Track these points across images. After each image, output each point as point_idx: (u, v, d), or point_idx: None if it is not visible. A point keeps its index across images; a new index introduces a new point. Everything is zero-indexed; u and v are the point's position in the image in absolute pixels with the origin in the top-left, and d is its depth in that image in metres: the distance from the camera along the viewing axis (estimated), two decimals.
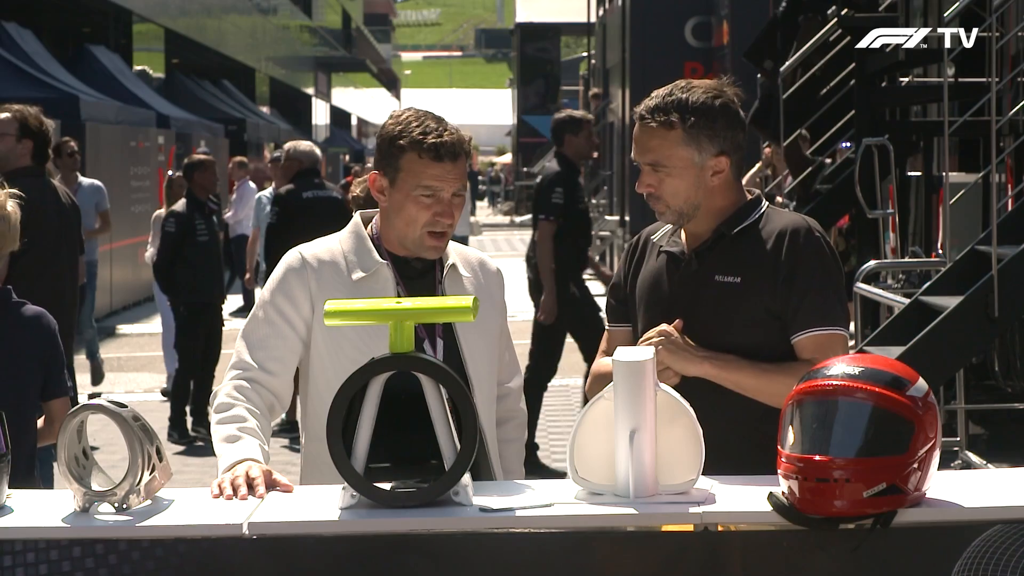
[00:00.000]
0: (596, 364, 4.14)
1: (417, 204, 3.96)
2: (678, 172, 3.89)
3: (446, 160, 3.94)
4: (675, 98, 3.90)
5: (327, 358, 4.00)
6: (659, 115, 3.88)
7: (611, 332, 4.14)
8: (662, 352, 3.79)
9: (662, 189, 3.91)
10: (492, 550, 3.34)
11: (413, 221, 3.98)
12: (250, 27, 42.81)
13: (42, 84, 20.39)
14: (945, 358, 8.82)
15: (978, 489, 3.55)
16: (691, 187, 3.91)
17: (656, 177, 3.91)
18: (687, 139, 3.88)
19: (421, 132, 3.93)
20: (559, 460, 10.50)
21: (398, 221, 4.01)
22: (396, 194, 3.99)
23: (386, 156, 3.99)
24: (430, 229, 3.97)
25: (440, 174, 3.94)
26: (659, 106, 3.89)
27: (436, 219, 3.96)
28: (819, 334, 3.86)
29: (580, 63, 48.56)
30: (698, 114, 3.88)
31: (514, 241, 37.65)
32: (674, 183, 3.90)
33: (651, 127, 3.89)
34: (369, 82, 79.35)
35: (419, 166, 3.94)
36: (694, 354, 3.84)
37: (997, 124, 9.21)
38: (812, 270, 3.89)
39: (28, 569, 3.32)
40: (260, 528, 3.35)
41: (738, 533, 3.36)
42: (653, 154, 3.90)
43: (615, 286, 4.14)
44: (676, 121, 3.87)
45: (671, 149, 3.89)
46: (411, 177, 3.95)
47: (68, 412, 3.46)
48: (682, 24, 24.50)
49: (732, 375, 3.84)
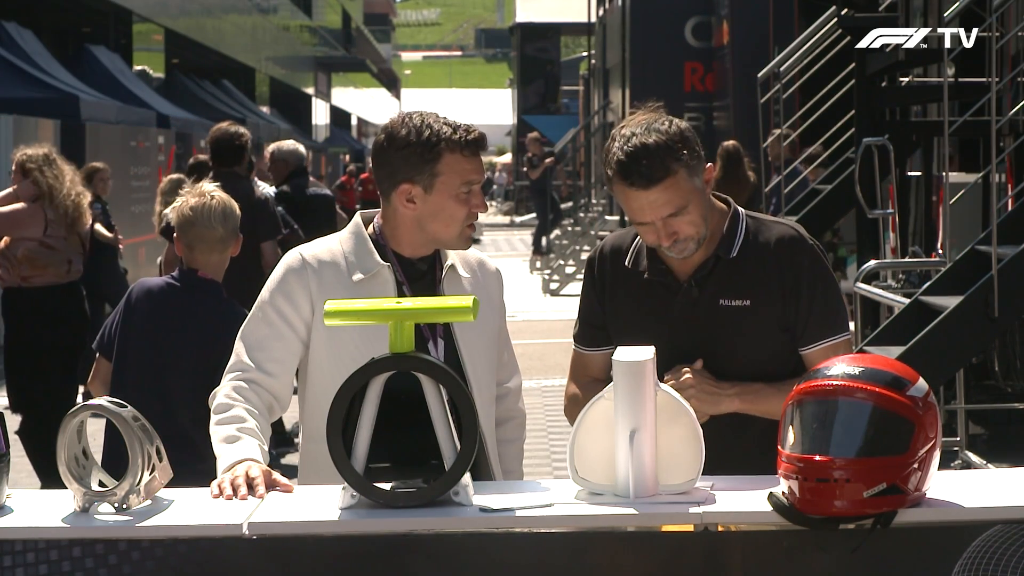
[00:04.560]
0: (574, 388, 4.08)
1: (458, 201, 3.96)
2: (694, 205, 3.84)
3: (480, 153, 3.98)
4: (655, 142, 3.79)
5: (327, 358, 4.00)
6: (658, 171, 3.79)
7: (588, 356, 4.08)
8: (694, 402, 3.72)
9: (686, 230, 3.84)
10: (492, 550, 3.34)
11: (454, 220, 3.97)
12: (250, 27, 42.81)
13: (42, 84, 20.39)
14: (945, 358, 8.82)
15: (978, 489, 3.55)
16: (703, 211, 3.87)
17: (676, 223, 3.83)
18: (689, 172, 3.83)
19: (451, 131, 3.94)
20: (559, 460, 10.51)
21: (435, 224, 3.98)
22: (434, 198, 3.96)
23: (418, 164, 3.94)
24: (469, 223, 3.99)
25: (477, 167, 3.98)
26: (653, 162, 3.78)
27: (474, 211, 3.99)
28: (829, 344, 3.89)
29: (580, 63, 48.53)
30: (679, 142, 3.81)
31: (514, 241, 37.65)
32: (693, 218, 3.84)
33: (657, 184, 3.79)
34: (369, 82, 79.34)
35: (461, 163, 3.94)
36: (722, 394, 3.84)
37: (997, 124, 9.20)
38: (815, 281, 3.90)
39: (28, 569, 3.32)
40: (260, 528, 3.35)
41: (738, 533, 3.36)
42: (671, 204, 3.81)
43: (588, 310, 4.07)
44: (672, 163, 3.80)
45: (683, 189, 3.81)
46: (455, 177, 3.94)
47: (68, 412, 3.46)
48: (682, 24, 24.47)
49: (763, 405, 3.86)
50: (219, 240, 5.67)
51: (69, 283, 9.24)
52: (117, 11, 28.37)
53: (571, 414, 4.04)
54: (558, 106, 52.46)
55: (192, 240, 5.68)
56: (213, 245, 5.67)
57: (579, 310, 4.13)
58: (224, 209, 5.69)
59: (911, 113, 13.08)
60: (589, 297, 4.07)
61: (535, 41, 52.87)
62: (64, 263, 9.19)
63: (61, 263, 9.18)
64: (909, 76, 12.40)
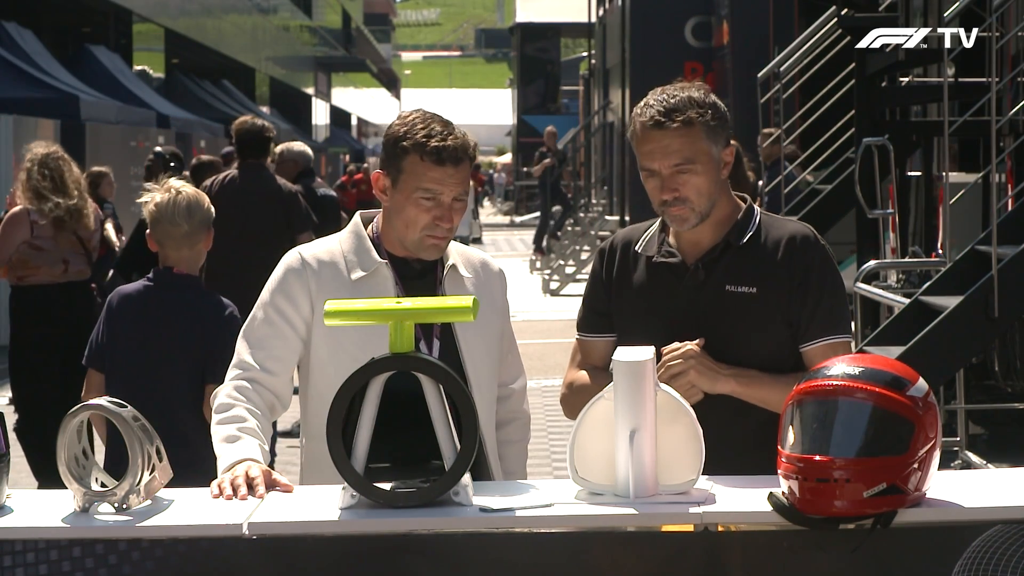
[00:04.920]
0: (573, 375, 4.08)
1: (417, 207, 3.96)
2: (703, 168, 3.85)
3: (447, 164, 3.93)
4: (684, 97, 3.87)
5: (327, 358, 4.00)
6: (678, 115, 3.83)
7: (590, 343, 4.07)
8: (691, 373, 3.77)
9: (687, 190, 3.85)
10: (492, 550, 3.34)
11: (412, 223, 3.98)
12: (250, 27, 42.82)
13: (42, 84, 20.41)
14: (945, 358, 8.82)
15: (978, 489, 3.55)
16: (712, 183, 3.87)
17: (681, 179, 3.84)
18: (708, 133, 3.85)
19: (425, 135, 3.93)
20: (559, 460, 10.51)
21: (398, 222, 4.01)
22: (397, 195, 3.98)
23: (390, 156, 3.99)
24: (429, 233, 3.97)
25: (440, 178, 3.93)
26: (673, 107, 3.84)
27: (435, 223, 3.96)
28: (831, 343, 3.88)
29: (580, 63, 48.53)
30: (709, 108, 3.86)
31: (514, 241, 37.65)
32: (699, 181, 3.85)
33: (672, 128, 3.83)
34: (369, 82, 79.37)
35: (420, 168, 3.93)
36: (720, 373, 3.82)
37: (997, 124, 9.21)
38: (822, 279, 3.90)
39: (28, 569, 3.32)
40: (260, 528, 3.35)
41: (738, 533, 3.36)
42: (680, 154, 3.83)
43: (593, 296, 4.07)
44: (695, 117, 3.83)
45: (696, 145, 3.84)
46: (412, 179, 3.95)
47: (68, 412, 3.46)
48: (682, 24, 24.48)
49: (757, 391, 3.84)
50: (185, 236, 5.67)
51: (68, 283, 9.22)
52: (117, 11, 28.39)
53: (567, 402, 4.05)
54: (558, 106, 52.50)
55: (160, 237, 5.70)
56: (180, 241, 5.67)
57: (584, 296, 4.13)
58: (189, 205, 5.68)
59: (911, 113, 13.08)
60: (596, 282, 4.07)
61: (535, 41, 52.90)
62: (58, 263, 9.18)
63: (55, 263, 9.17)
64: (909, 76, 12.41)
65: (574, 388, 4.03)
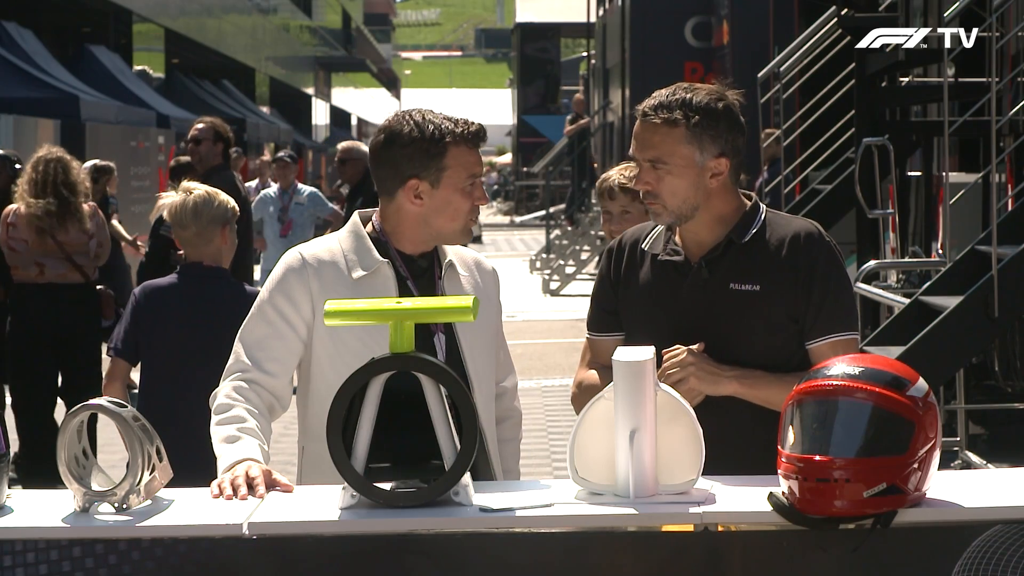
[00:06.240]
0: (583, 374, 4.09)
1: (463, 194, 3.98)
2: (678, 170, 3.86)
3: (480, 145, 4.02)
4: (679, 97, 3.88)
5: (327, 358, 4.00)
6: (663, 112, 3.86)
7: (600, 341, 4.07)
8: (692, 380, 3.78)
9: (660, 187, 3.88)
10: (492, 550, 3.34)
11: (460, 213, 4.00)
12: (250, 27, 42.82)
13: (42, 84, 20.40)
14: (945, 358, 8.83)
15: (978, 489, 3.55)
16: (690, 187, 3.88)
17: (655, 175, 3.88)
18: (690, 137, 3.86)
19: (454, 125, 3.97)
20: (559, 460, 10.51)
21: (441, 219, 4.00)
22: (441, 192, 3.98)
23: (424, 160, 3.96)
24: (471, 216, 4.03)
25: (479, 159, 4.03)
26: (663, 104, 3.87)
27: (476, 203, 4.02)
28: (837, 340, 3.87)
29: (580, 63, 48.55)
30: (702, 113, 3.86)
31: (514, 241, 37.64)
32: (673, 181, 3.87)
33: (654, 123, 3.86)
34: (369, 82, 79.38)
35: (466, 156, 3.97)
36: (722, 375, 3.82)
37: (997, 124, 9.21)
38: (829, 275, 3.89)
39: (28, 569, 3.32)
40: (260, 528, 3.35)
41: (738, 533, 3.36)
42: (655, 150, 3.87)
43: (602, 294, 4.08)
44: (680, 119, 3.85)
45: (673, 146, 3.86)
46: (461, 169, 3.97)
47: (68, 412, 3.47)
48: (682, 24, 24.51)
49: (760, 392, 3.84)
50: (195, 236, 5.91)
51: (48, 284, 9.20)
52: (117, 11, 28.39)
53: (577, 401, 4.04)
54: (558, 106, 52.46)
55: (178, 236, 6.00)
56: (193, 240, 5.93)
57: (593, 295, 4.14)
58: (196, 206, 5.89)
59: (911, 113, 13.08)
60: (604, 281, 4.08)
61: (535, 41, 52.92)
62: (31, 265, 9.20)
63: (28, 265, 9.21)
64: (909, 76, 12.41)
65: (584, 387, 4.04)
